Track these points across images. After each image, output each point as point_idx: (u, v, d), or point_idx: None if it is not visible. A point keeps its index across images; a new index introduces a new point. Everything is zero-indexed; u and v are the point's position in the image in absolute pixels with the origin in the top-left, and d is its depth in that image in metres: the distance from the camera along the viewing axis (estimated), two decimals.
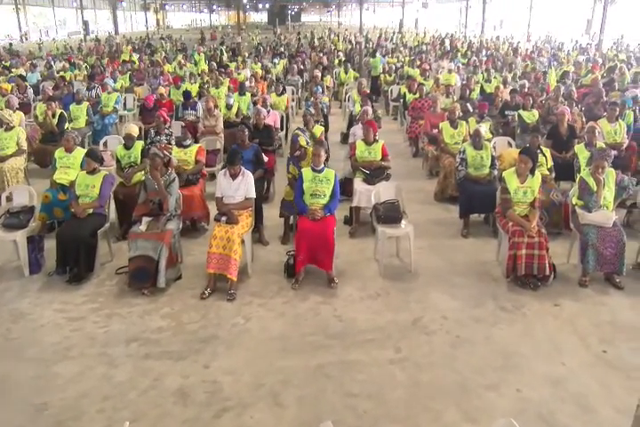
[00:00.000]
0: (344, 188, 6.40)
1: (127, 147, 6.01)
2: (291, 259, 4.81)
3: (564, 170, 6.31)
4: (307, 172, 4.92)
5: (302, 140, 5.54)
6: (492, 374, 3.53)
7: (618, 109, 7.08)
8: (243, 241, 4.76)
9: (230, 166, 4.86)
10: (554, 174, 5.96)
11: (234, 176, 4.91)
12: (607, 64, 15.18)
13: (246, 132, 6.00)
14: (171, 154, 5.03)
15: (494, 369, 3.57)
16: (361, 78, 11.00)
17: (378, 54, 15.26)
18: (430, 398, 3.32)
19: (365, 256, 5.23)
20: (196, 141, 6.14)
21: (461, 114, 7.09)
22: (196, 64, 17.12)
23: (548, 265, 4.46)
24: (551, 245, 5.33)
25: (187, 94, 8.90)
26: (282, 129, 8.73)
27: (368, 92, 9.42)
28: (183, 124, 7.66)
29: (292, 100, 11.67)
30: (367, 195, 5.47)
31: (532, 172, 4.78)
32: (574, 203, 4.88)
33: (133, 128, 6.06)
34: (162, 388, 3.45)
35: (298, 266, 4.67)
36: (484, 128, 6.07)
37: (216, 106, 8.13)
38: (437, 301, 4.44)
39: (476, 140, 5.84)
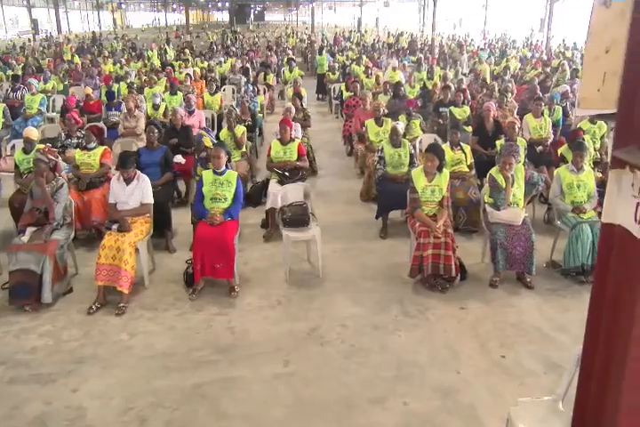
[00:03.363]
0: (265, 190, 6.16)
1: (26, 151, 5.62)
2: (190, 267, 4.53)
3: (490, 166, 6.18)
4: (207, 174, 4.65)
5: (207, 141, 5.26)
6: (382, 386, 3.33)
7: (543, 105, 7.02)
8: (137, 250, 4.47)
9: (123, 170, 4.55)
10: (474, 171, 5.84)
11: (128, 180, 4.60)
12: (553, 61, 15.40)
13: (155, 133, 5.68)
14: (57, 158, 4.68)
15: (384, 380, 3.37)
16: (297, 77, 10.76)
17: (324, 52, 15.05)
18: (311, 416, 3.10)
19: (275, 262, 4.98)
20: (102, 143, 5.78)
21: (386, 111, 6.91)
22: (149, 59, 16.84)
23: (454, 266, 4.30)
24: (468, 244, 5.25)
25: (110, 95, 8.51)
26: (213, 129, 8.41)
27: (300, 90, 9.17)
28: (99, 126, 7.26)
29: (233, 99, 11.38)
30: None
31: (440, 169, 4.61)
32: (485, 201, 4.74)
33: (32, 132, 5.69)
34: (19, 417, 3.13)
35: (196, 275, 4.39)
36: (402, 125, 5.90)
37: (137, 106, 7.76)
38: (340, 307, 4.22)
39: (394, 138, 5.66)
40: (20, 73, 13.08)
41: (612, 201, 1.76)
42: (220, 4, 64.18)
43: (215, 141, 5.52)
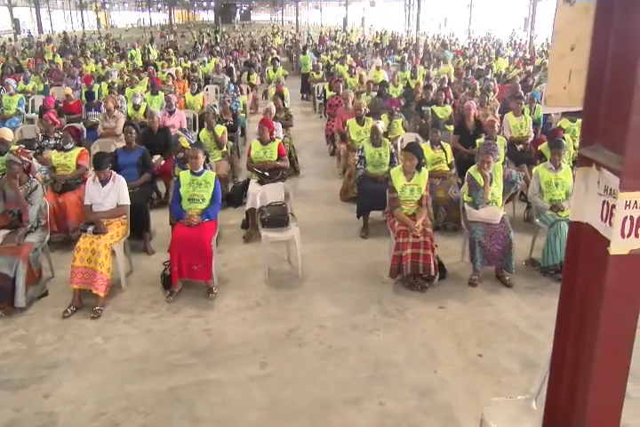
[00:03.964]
0: (246, 190, 6.11)
1: (0, 152, 5.52)
2: (167, 269, 4.46)
3: (471, 165, 6.18)
4: (185, 175, 4.59)
5: (184, 142, 5.20)
6: (358, 386, 3.30)
7: (523, 103, 7.06)
8: (113, 252, 4.40)
9: (98, 171, 4.48)
10: (454, 170, 5.84)
11: (103, 182, 4.53)
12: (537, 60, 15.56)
13: (133, 134, 5.60)
14: (31, 159, 4.60)
15: (361, 381, 3.35)
16: (280, 76, 10.72)
17: (308, 52, 15.02)
18: (285, 418, 3.06)
19: (255, 262, 4.92)
20: (79, 144, 5.69)
21: (367, 110, 6.89)
22: (132, 59, 16.85)
23: (433, 266, 4.28)
24: (448, 242, 5.25)
25: (89, 95, 8.39)
26: (194, 129, 8.35)
27: (283, 89, 9.14)
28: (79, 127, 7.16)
29: (216, 98, 11.29)
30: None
31: (419, 169, 4.60)
32: (464, 200, 4.74)
33: (6, 132, 5.61)
34: None
35: (173, 277, 4.34)
36: (382, 124, 5.89)
37: (116, 106, 7.67)
38: (319, 308, 4.19)
39: (374, 138, 5.64)
40: None
41: (579, 199, 1.75)
42: (205, 4, 63.90)
43: (192, 142, 5.45)
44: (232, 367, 3.49)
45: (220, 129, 6.55)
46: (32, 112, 10.02)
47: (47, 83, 11.92)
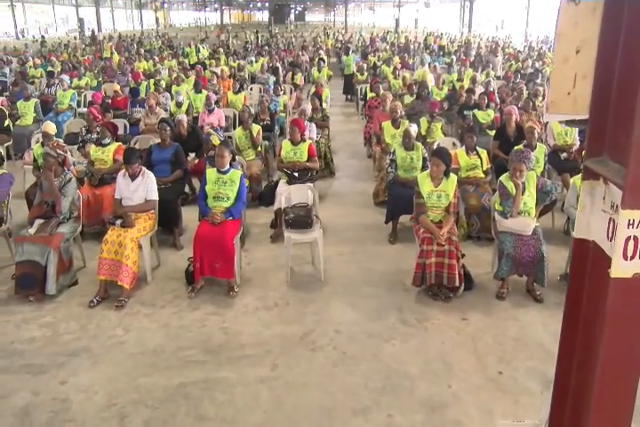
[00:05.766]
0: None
1: (44, 145, 5.75)
2: (191, 265, 4.53)
3: None
4: (211, 173, 4.64)
5: (215, 140, 5.26)
6: (367, 396, 3.22)
7: None
8: (140, 246, 4.50)
9: (127, 166, 4.59)
10: (489, 177, 5.63)
11: (133, 176, 4.64)
12: None
13: (167, 131, 5.71)
14: (66, 153, 4.77)
15: (371, 391, 3.27)
16: (320, 77, 10.70)
17: (351, 53, 14.95)
18: (289, 423, 3.02)
19: (279, 263, 4.92)
20: (117, 140, 5.86)
21: (403, 113, 6.76)
22: (186, 56, 17.43)
23: (457, 276, 4.13)
24: (480, 252, 5.08)
25: (134, 91, 8.65)
26: (234, 127, 8.45)
27: (321, 90, 9.11)
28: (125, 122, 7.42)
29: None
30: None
31: (447, 174, 4.46)
32: (496, 208, 4.55)
33: (50, 126, 5.82)
34: (6, 406, 3.18)
35: (196, 274, 4.39)
36: (415, 128, 5.75)
37: (158, 103, 7.86)
38: (337, 312, 4.13)
39: (406, 141, 5.52)
40: (58, 70, 13.53)
41: (584, 215, 1.63)
42: (259, 4, 64.97)
43: (222, 140, 5.51)
44: (242, 367, 3.49)
45: (255, 128, 6.58)
46: (84, 107, 10.46)
47: (101, 79, 12.43)
